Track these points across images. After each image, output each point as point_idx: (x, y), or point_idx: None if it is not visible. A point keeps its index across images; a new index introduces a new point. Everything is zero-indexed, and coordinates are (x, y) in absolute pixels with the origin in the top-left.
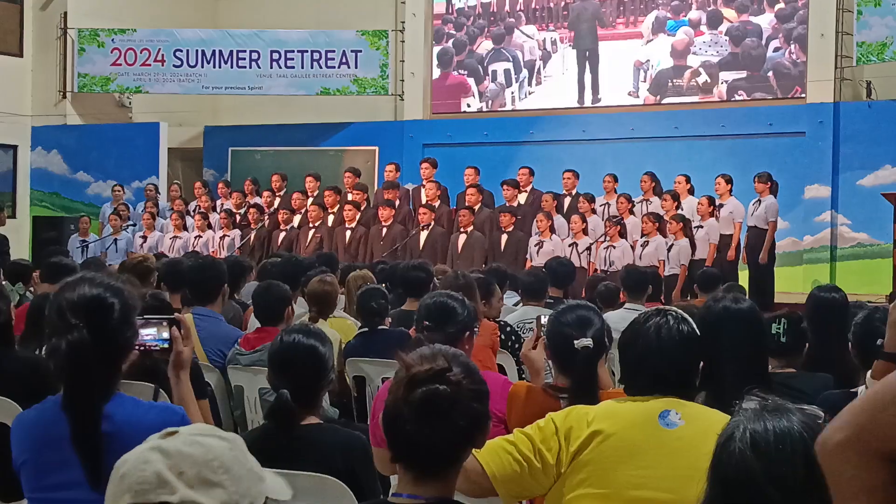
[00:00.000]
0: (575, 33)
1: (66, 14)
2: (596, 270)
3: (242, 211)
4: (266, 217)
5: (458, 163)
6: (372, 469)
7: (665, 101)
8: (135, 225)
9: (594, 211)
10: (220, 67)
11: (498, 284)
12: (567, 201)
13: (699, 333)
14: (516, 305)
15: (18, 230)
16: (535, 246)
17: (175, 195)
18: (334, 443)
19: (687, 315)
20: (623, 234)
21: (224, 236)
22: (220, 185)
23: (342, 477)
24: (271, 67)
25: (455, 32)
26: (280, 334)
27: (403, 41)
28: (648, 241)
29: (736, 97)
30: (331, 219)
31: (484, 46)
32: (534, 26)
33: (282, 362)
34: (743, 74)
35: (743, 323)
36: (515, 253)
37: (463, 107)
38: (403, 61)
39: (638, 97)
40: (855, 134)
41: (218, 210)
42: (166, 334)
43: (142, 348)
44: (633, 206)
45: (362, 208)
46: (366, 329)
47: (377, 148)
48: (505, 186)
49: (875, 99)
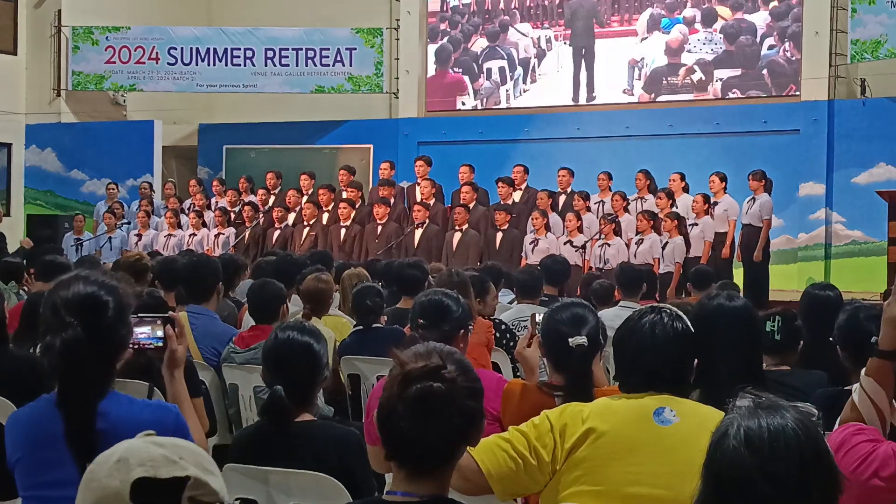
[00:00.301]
0: (571, 31)
1: (61, 12)
2: (591, 268)
3: (237, 209)
4: (261, 215)
5: (453, 161)
6: (367, 466)
7: (660, 99)
8: (129, 223)
9: (589, 209)
10: (215, 65)
11: (493, 282)
12: (562, 199)
13: (693, 331)
14: (511, 303)
15: (13, 228)
16: (530, 244)
17: (170, 193)
18: (329, 439)
19: (681, 312)
20: (618, 232)
21: (219, 234)
22: (215, 183)
23: (337, 473)
24: (266, 65)
25: (450, 30)
26: (274, 331)
27: (398, 39)
28: (643, 239)
29: (730, 95)
30: (325, 217)
31: (479, 44)
32: (528, 24)
33: (276, 359)
34: (737, 72)
35: (737, 320)
36: (510, 251)
37: (458, 105)
38: (398, 59)
39: (633, 95)
40: (849, 132)
41: (212, 208)
42: (161, 332)
43: (136, 346)
44: (628, 204)
45: (357, 206)
46: (360, 327)
47: (372, 146)
48: (500, 184)
49: (869, 97)
